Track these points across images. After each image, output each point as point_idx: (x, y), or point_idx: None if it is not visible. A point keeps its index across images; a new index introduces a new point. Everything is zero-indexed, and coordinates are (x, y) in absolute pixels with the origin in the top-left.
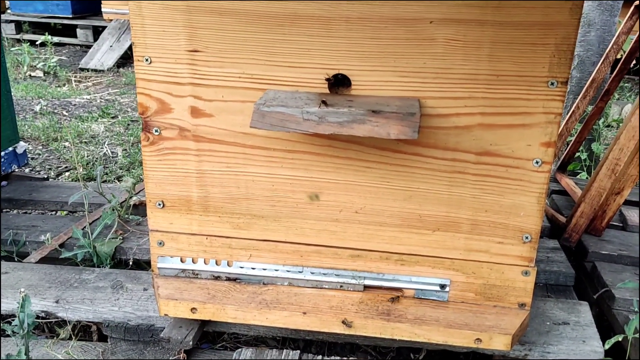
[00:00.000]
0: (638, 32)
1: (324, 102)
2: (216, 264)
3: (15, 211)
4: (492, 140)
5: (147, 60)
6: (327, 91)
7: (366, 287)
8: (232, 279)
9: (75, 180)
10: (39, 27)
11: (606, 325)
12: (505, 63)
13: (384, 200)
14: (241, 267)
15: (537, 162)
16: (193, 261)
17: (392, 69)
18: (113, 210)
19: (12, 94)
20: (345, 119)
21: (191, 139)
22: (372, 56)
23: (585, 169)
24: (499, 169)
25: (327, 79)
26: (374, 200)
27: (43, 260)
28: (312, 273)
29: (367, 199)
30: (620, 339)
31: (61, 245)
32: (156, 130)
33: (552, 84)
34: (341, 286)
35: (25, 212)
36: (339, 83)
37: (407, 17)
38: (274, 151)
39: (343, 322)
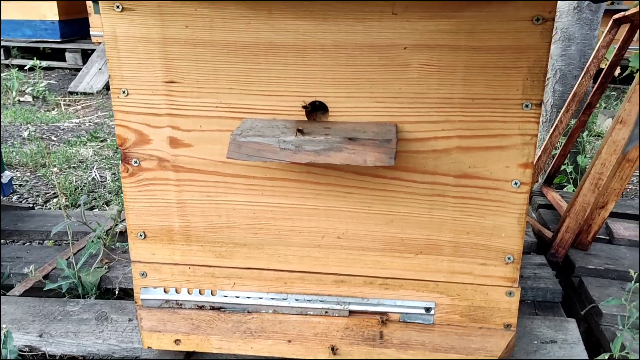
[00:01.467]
0: (618, 45)
1: (300, 131)
2: (200, 293)
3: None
4: (470, 162)
5: (124, 92)
6: (305, 118)
7: (351, 313)
8: (216, 308)
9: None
10: (27, 52)
11: (595, 341)
12: (480, 87)
13: (366, 225)
14: (225, 296)
15: (515, 184)
16: (176, 291)
17: (369, 95)
18: (98, 238)
19: (1, 120)
20: (321, 147)
21: (171, 169)
22: (348, 83)
23: (571, 181)
24: (479, 191)
25: (304, 107)
26: (355, 225)
27: (28, 292)
28: (297, 300)
29: (348, 224)
30: (606, 357)
31: (45, 277)
32: (135, 162)
33: (527, 106)
34: (326, 312)
35: (12, 242)
36: (316, 110)
37: (381, 44)
38: (253, 179)
39: (329, 348)
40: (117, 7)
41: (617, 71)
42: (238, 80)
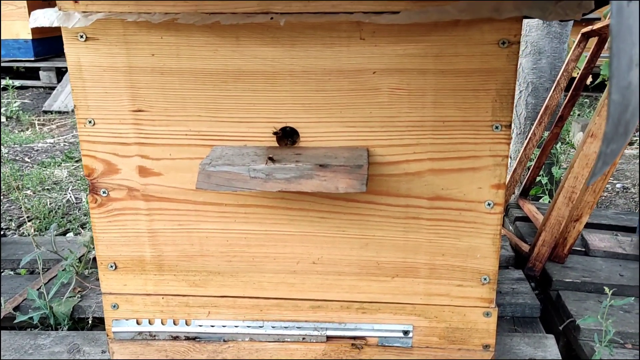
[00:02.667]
0: (587, 58)
1: (271, 159)
2: (174, 323)
3: None
4: (443, 184)
5: (90, 122)
6: (276, 144)
7: (329, 338)
8: (191, 338)
9: (33, 235)
10: (0, 71)
11: (574, 355)
12: (450, 109)
13: (341, 250)
14: (200, 326)
15: (488, 204)
16: (150, 322)
17: (339, 120)
18: (71, 267)
19: None
20: (292, 174)
21: (141, 199)
22: (319, 108)
23: (547, 192)
24: (453, 213)
25: (275, 133)
26: (330, 250)
27: None
28: (273, 327)
29: (323, 249)
30: None
31: (16, 308)
32: (104, 192)
33: (497, 127)
34: (303, 338)
35: None
36: (287, 135)
37: (349, 69)
38: (226, 206)
39: None
40: (81, 36)
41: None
42: (207, 107)
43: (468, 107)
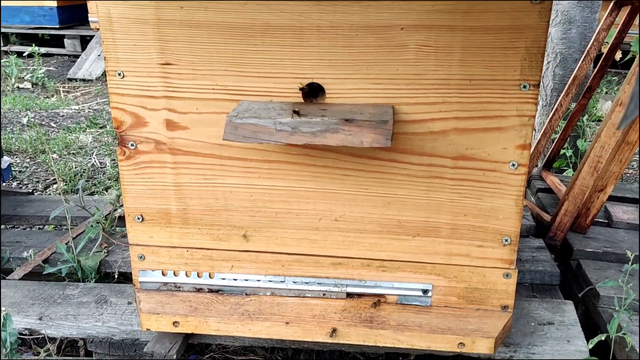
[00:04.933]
0: (618, 28)
1: (297, 112)
2: (198, 276)
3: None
4: (467, 144)
5: (119, 74)
6: (302, 100)
7: (349, 295)
8: (214, 291)
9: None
10: (26, 38)
11: (592, 323)
12: (477, 67)
13: (363, 208)
14: (223, 279)
15: (513, 165)
16: (174, 274)
17: (365, 77)
18: (97, 223)
19: (0, 106)
20: (318, 128)
21: (167, 152)
22: (345, 64)
23: (570, 165)
24: (476, 173)
25: (301, 88)
26: (352, 208)
27: (27, 277)
28: (294, 282)
29: (345, 206)
30: (603, 338)
31: (45, 261)
32: (132, 145)
33: (525, 86)
34: (324, 294)
35: (12, 227)
36: (313, 92)
37: (377, 25)
38: (250, 162)
39: (326, 330)
40: None
41: (619, 55)
42: (234, 62)
43: (496, 66)
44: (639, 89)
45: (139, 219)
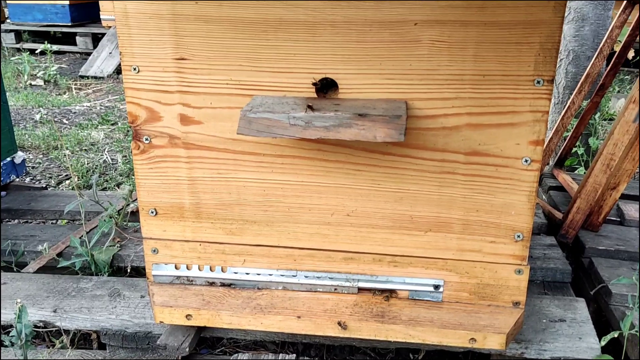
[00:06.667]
0: (632, 26)
1: (310, 107)
2: (210, 270)
3: (14, 221)
4: (480, 140)
5: (134, 69)
6: (315, 95)
7: (360, 290)
8: (227, 285)
9: (75, 188)
10: (38, 36)
11: (604, 321)
12: (491, 63)
13: (375, 203)
14: (235, 273)
15: (526, 161)
16: (187, 268)
17: (379, 72)
18: (110, 218)
19: (13, 103)
20: (331, 123)
21: (181, 147)
22: (358, 59)
23: (582, 164)
24: (489, 169)
25: (314, 84)
26: (365, 203)
27: (41, 270)
28: (306, 277)
29: (358, 201)
30: (616, 335)
31: (59, 255)
32: (146, 139)
33: (538, 82)
34: (335, 289)
35: (26, 222)
36: (326, 87)
37: (391, 20)
38: (263, 156)
39: (338, 324)
40: None
41: (631, 54)
42: (248, 57)
43: (510, 61)
44: None
45: (152, 212)
